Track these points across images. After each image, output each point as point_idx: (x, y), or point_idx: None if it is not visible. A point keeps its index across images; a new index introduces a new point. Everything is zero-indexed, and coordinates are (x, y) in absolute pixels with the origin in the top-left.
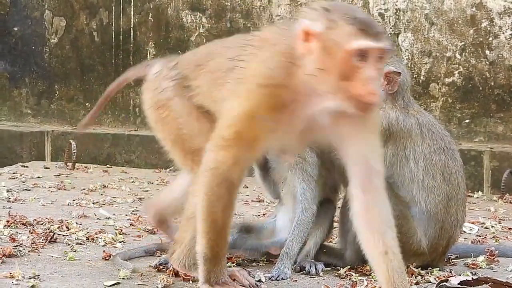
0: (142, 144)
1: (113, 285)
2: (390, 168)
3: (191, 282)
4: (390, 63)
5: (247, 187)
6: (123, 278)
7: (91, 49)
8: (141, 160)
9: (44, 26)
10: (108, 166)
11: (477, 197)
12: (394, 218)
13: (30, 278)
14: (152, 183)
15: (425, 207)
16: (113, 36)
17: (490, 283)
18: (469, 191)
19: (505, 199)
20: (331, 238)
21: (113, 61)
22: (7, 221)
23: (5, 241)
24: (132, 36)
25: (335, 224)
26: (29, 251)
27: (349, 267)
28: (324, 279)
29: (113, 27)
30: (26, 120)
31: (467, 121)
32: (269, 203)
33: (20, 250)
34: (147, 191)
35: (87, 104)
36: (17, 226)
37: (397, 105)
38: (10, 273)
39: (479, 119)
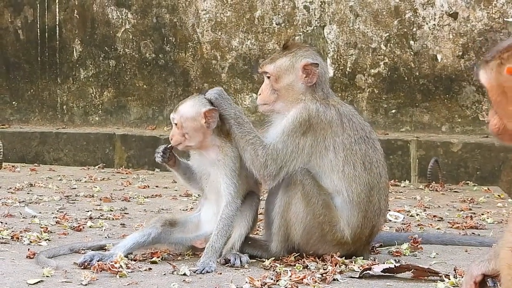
0: (70, 142)
1: (37, 283)
2: (309, 158)
3: (117, 276)
4: (307, 56)
5: (175, 181)
6: (46, 276)
7: (16, 46)
8: (70, 158)
9: None
10: (36, 164)
11: (404, 186)
12: (318, 208)
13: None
14: (80, 180)
15: (348, 197)
16: (39, 34)
17: (412, 270)
18: (396, 180)
19: (431, 187)
20: (257, 230)
21: (39, 59)
22: None
23: None
24: (57, 33)
25: (260, 216)
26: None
27: (273, 258)
28: (249, 271)
29: (38, 25)
30: None
31: (393, 111)
32: (196, 197)
33: None
34: (75, 188)
35: (13, 102)
36: None
37: (317, 96)
38: None
39: (405, 109)
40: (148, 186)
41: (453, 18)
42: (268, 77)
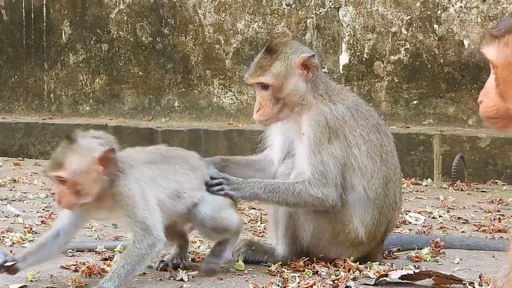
0: (58, 134)
1: None
2: (344, 161)
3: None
4: (298, 51)
5: None
6: (30, 281)
7: None
8: None
9: None
10: (20, 158)
11: (426, 185)
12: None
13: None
14: None
15: (363, 193)
16: (24, 14)
17: (433, 277)
18: (418, 178)
19: (455, 187)
20: (262, 233)
21: (24, 42)
22: None
23: None
24: (45, 14)
25: (265, 217)
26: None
27: (280, 263)
28: (253, 276)
29: (23, 4)
30: None
31: (415, 102)
32: None
33: None
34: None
35: None
36: None
37: (321, 92)
38: None
39: (428, 100)
40: None
41: (482, 0)
42: (265, 88)
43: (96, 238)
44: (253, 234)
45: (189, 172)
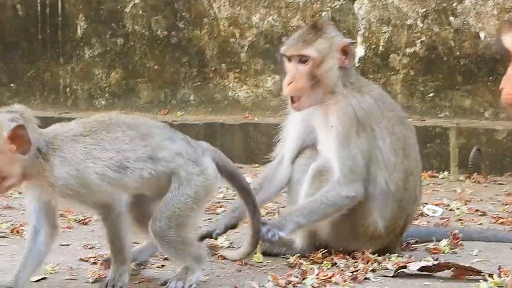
0: None
1: (40, 280)
2: (369, 154)
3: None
4: (339, 35)
5: None
6: (50, 273)
7: (15, 23)
8: None
9: None
10: None
11: (443, 178)
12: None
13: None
14: None
15: (384, 185)
16: (39, 9)
17: (452, 269)
18: (434, 171)
19: (472, 179)
20: None
21: (39, 37)
22: None
23: None
24: (60, 9)
25: (282, 210)
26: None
27: (299, 255)
28: (272, 268)
29: (38, 0)
30: None
31: (431, 95)
32: None
33: None
34: None
35: (11, 84)
36: None
37: (352, 82)
38: None
39: (444, 92)
40: None
41: None
42: (304, 62)
43: None
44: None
45: (136, 140)
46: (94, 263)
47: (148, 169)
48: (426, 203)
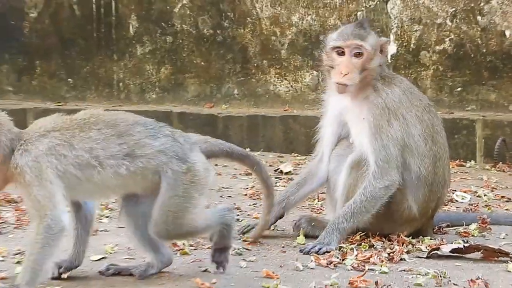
0: None
1: (100, 259)
2: (403, 142)
3: (178, 254)
4: (378, 34)
5: None
6: (109, 253)
7: (72, 23)
8: None
9: (23, 0)
10: None
11: (470, 166)
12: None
13: (15, 254)
14: None
15: (416, 172)
16: (94, 9)
17: (482, 250)
18: (462, 160)
19: (498, 168)
20: (320, 210)
21: (95, 35)
22: None
23: None
24: (113, 9)
25: (322, 196)
26: (14, 228)
27: None
28: None
29: (93, 0)
30: (7, 97)
31: (458, 89)
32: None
33: (4, 227)
34: None
35: (69, 80)
36: (1, 204)
37: (384, 77)
38: None
39: (471, 87)
40: None
41: None
42: (358, 55)
43: None
44: (311, 211)
45: (112, 138)
46: None
47: (125, 166)
48: (455, 190)
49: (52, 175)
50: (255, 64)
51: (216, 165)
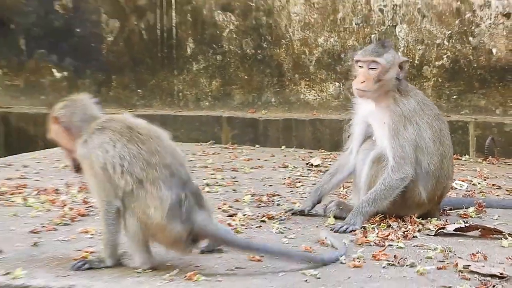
0: (185, 123)
1: None
2: (416, 144)
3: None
4: (399, 54)
5: (273, 155)
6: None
7: (141, 45)
8: (185, 136)
9: (101, 27)
10: None
11: (465, 160)
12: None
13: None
14: (195, 154)
15: (427, 167)
16: (159, 34)
17: (480, 229)
18: (458, 155)
19: (488, 161)
20: (346, 195)
21: (159, 55)
22: (80, 187)
23: (79, 203)
24: (174, 34)
25: (347, 184)
26: (99, 211)
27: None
28: None
29: (158, 27)
30: None
31: (454, 97)
32: (292, 168)
33: (91, 210)
34: (192, 160)
35: (139, 91)
36: (87, 191)
37: (401, 90)
38: (85, 229)
39: (465, 95)
40: (251, 159)
41: (507, 18)
42: (374, 68)
43: (221, 201)
44: (338, 196)
45: (144, 153)
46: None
47: (140, 177)
48: (454, 179)
49: (97, 167)
50: (288, 78)
51: (258, 159)
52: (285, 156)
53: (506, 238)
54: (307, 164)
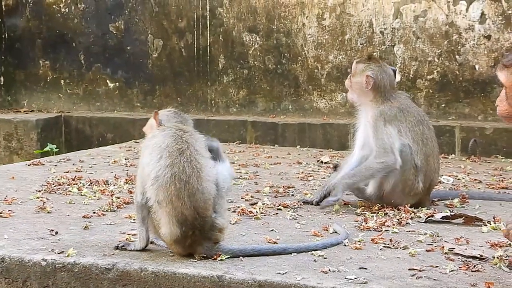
0: (216, 126)
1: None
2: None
3: (253, 219)
4: (372, 69)
5: (289, 154)
6: None
7: (180, 60)
8: (216, 137)
9: (148, 45)
10: None
11: (451, 158)
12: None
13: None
14: (224, 152)
15: (417, 163)
16: (195, 52)
17: (463, 217)
18: (445, 154)
19: (471, 159)
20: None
21: (195, 69)
22: (126, 179)
23: (125, 193)
24: (208, 51)
25: None
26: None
27: (363, 207)
28: (346, 216)
29: (195, 45)
30: (136, 111)
31: (443, 105)
32: (305, 164)
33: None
34: None
35: (178, 99)
36: (132, 183)
37: (382, 99)
38: (129, 215)
39: (452, 104)
40: (271, 157)
41: (487, 39)
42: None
43: (244, 192)
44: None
45: (205, 156)
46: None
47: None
48: (442, 175)
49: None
50: (303, 88)
51: (277, 156)
52: (299, 154)
53: (486, 225)
54: (318, 161)
